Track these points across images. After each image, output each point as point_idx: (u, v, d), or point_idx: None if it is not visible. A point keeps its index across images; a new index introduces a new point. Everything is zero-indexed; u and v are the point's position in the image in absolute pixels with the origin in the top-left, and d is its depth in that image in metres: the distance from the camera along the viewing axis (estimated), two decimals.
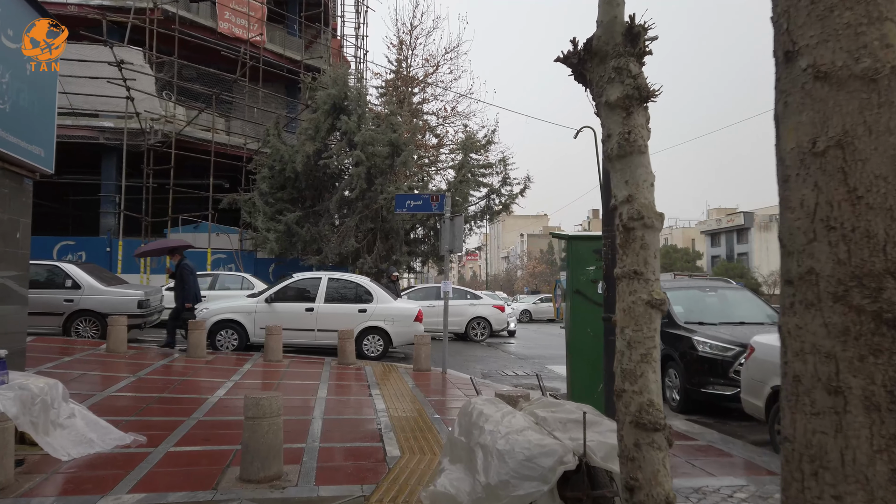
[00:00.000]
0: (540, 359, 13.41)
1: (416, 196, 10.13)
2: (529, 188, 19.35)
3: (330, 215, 18.88)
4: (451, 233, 9.95)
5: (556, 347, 16.36)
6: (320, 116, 18.36)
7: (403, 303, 12.04)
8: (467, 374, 10.30)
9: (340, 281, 11.69)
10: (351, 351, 10.17)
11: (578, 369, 5.53)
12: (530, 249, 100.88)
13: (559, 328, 25.44)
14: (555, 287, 8.14)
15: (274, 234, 18.12)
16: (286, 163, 18.74)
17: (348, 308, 11.39)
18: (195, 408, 6.51)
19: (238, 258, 20.27)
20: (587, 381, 5.51)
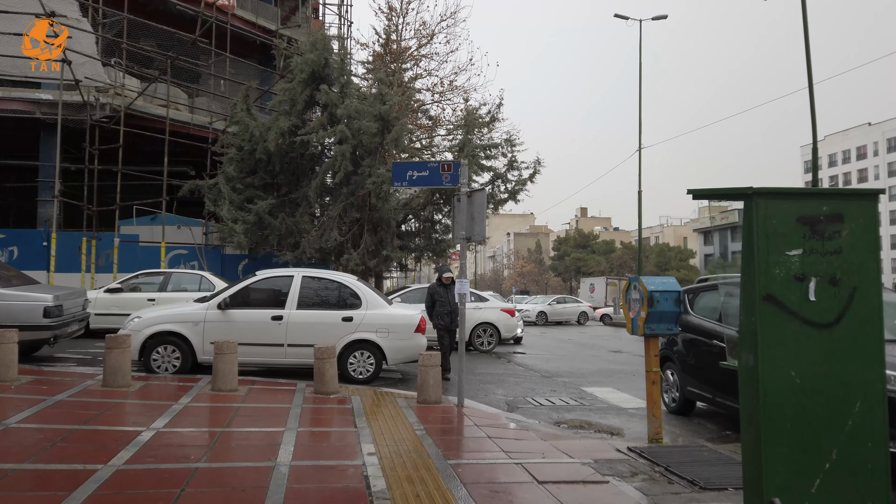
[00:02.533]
0: (569, 376, 10.81)
1: (419, 165, 7.47)
2: (540, 173, 16.77)
3: (309, 204, 16.13)
4: (468, 214, 7.31)
5: (580, 358, 13.77)
6: (296, 87, 15.60)
7: (401, 308, 9.36)
8: (490, 406, 7.66)
9: (319, 280, 8.98)
10: (332, 375, 7.48)
11: (775, 443, 2.85)
12: (517, 248, 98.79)
13: (565, 334, 23.09)
14: (626, 288, 5.54)
15: (242, 226, 15.32)
16: (256, 142, 15.97)
17: (329, 316, 8.69)
18: (77, 483, 3.83)
19: (201, 254, 17.44)
20: (792, 466, 2.85)
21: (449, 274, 9.91)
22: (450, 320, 9.61)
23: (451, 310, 9.60)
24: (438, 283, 10.00)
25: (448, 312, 9.64)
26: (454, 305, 9.41)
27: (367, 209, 15.47)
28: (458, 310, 8.75)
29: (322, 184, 15.93)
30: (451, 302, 9.57)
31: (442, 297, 9.74)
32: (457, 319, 9.07)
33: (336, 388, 7.54)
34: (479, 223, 7.27)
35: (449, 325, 9.64)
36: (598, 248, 74.12)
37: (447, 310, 9.62)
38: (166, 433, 5.37)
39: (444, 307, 9.66)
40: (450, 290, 9.70)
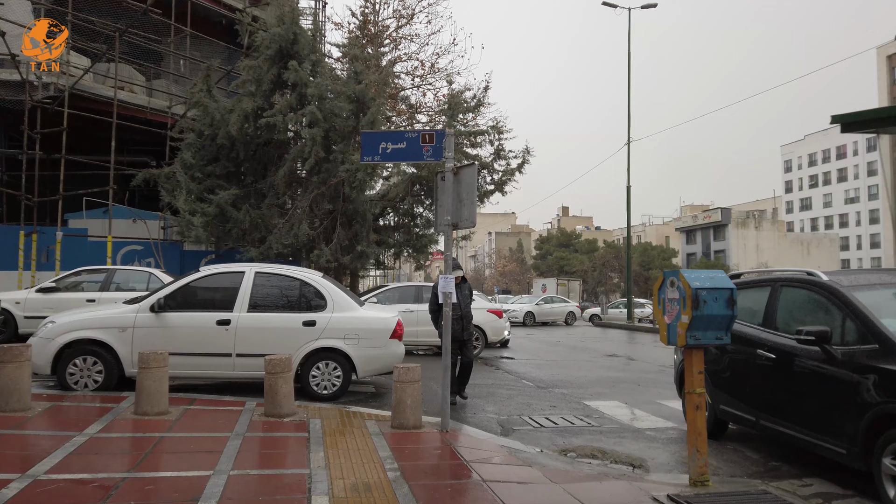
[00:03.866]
0: (567, 386, 9.50)
1: (394, 135, 6.08)
2: (529, 162, 15.46)
3: (277, 195, 14.63)
4: (454, 195, 5.96)
5: (575, 364, 12.48)
6: (262, 64, 14.09)
7: (375, 311, 7.95)
8: (480, 429, 6.31)
9: (276, 277, 7.54)
10: (286, 393, 6.07)
11: None
12: (499, 248, 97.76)
13: (553, 335, 20.95)
14: (659, 285, 4.30)
15: (201, 219, 13.76)
16: (218, 126, 14.43)
17: (287, 319, 7.27)
18: None
19: (158, 250, 15.84)
20: None
21: (460, 272, 7.46)
22: (460, 328, 7.44)
23: (462, 314, 7.48)
24: (464, 282, 7.94)
25: (459, 317, 7.38)
26: (467, 309, 7.61)
27: (340, 200, 14.04)
28: (470, 314, 7.73)
29: (291, 172, 14.47)
30: (462, 304, 7.52)
31: None
32: (470, 327, 7.70)
33: (291, 410, 6.13)
34: (469, 206, 5.91)
35: (460, 334, 7.44)
36: (581, 248, 73.32)
37: (458, 314, 7.32)
38: (44, 484, 3.92)
39: (454, 311, 7.10)
40: (462, 289, 7.61)
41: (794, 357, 4.88)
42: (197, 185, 14.62)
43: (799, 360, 4.83)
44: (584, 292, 61.16)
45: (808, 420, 4.76)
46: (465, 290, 7.72)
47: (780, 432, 5.11)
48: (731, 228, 68.65)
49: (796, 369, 4.86)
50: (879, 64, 61.04)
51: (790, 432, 4.94)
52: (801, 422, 4.81)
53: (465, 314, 7.60)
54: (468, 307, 7.71)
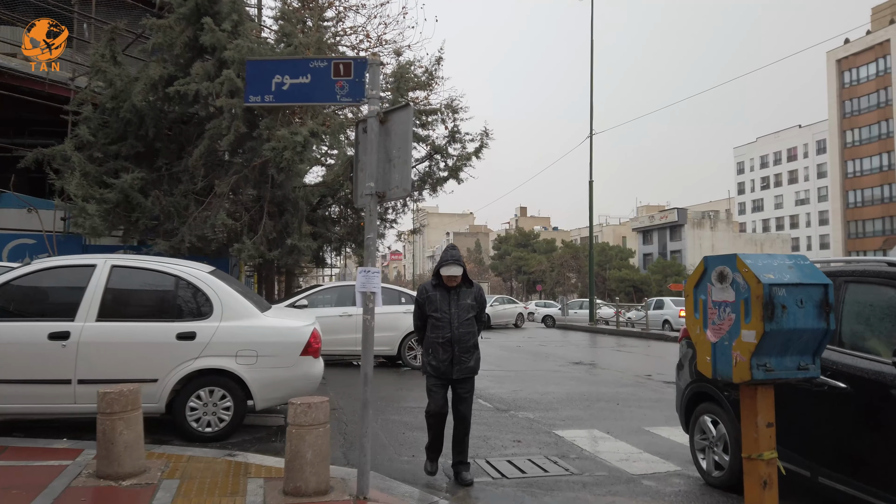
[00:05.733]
0: (533, 408, 7.74)
1: (294, 64, 4.20)
2: (488, 146, 13.72)
3: (193, 179, 12.45)
4: (380, 152, 4.10)
5: (540, 376, 10.74)
6: (174, 25, 11.88)
7: (282, 318, 5.98)
8: (417, 487, 4.46)
9: (140, 273, 5.51)
10: (129, 442, 4.09)
11: None
12: None
13: (510, 339, 17.73)
14: (698, 279, 2.68)
15: (99, 206, 11.50)
16: (123, 98, 12.17)
17: (154, 331, 5.27)
18: None
19: (53, 244, 13.43)
20: None
21: (457, 269, 4.66)
22: (448, 358, 4.61)
23: (452, 336, 4.62)
24: (435, 282, 4.79)
25: (448, 341, 4.62)
26: (462, 330, 4.64)
27: (267, 185, 11.97)
28: (469, 338, 4.68)
29: (210, 152, 12.30)
30: (455, 319, 4.65)
31: (440, 310, 4.68)
32: (470, 360, 4.68)
33: (136, 467, 4.15)
34: (401, 167, 4.05)
35: (447, 368, 4.62)
36: (539, 248, 72.47)
37: (447, 334, 4.62)
38: None
39: (443, 328, 4.63)
40: (460, 296, 4.72)
41: (889, 389, 3.21)
42: (97, 166, 12.32)
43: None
44: (542, 293, 60.16)
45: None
46: (464, 299, 4.69)
47: (854, 498, 3.43)
48: (687, 228, 68.93)
49: (893, 408, 3.19)
50: (829, 68, 62.11)
51: (876, 501, 3.28)
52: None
53: (457, 337, 4.60)
54: (467, 326, 4.66)
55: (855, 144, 59.72)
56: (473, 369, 4.72)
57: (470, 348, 4.69)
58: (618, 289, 56.03)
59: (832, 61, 61.37)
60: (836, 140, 61.54)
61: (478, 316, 4.81)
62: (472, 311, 4.74)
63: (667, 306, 26.76)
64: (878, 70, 56.26)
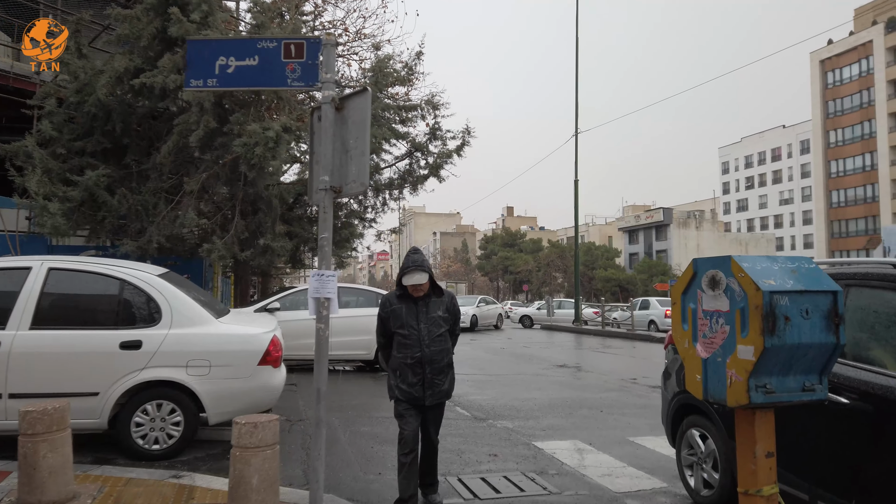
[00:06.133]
0: (512, 416, 7.36)
1: (240, 45, 3.78)
2: (469, 144, 13.35)
3: (162, 177, 11.95)
4: (336, 142, 3.71)
5: (522, 380, 10.35)
6: (140, 14, 11.37)
7: (240, 324, 5.54)
8: None
9: (82, 277, 5.06)
10: (54, 467, 3.65)
11: None
12: (443, 248, 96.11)
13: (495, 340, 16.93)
14: (686, 284, 2.40)
15: (61, 205, 10.97)
16: (89, 92, 11.64)
17: (95, 339, 4.83)
18: None
19: (15, 245, 12.85)
20: None
21: (421, 276, 3.99)
22: (419, 380, 3.98)
23: (423, 355, 3.98)
24: (400, 293, 4.14)
25: (418, 362, 3.98)
26: (434, 347, 4.01)
27: (239, 182, 11.49)
28: (443, 356, 4.03)
29: (180, 148, 11.80)
30: (425, 335, 4.01)
31: (406, 326, 4.04)
32: (443, 382, 4.07)
33: (63, 495, 3.72)
34: (359, 158, 3.65)
35: (419, 391, 3.99)
36: (526, 247, 72.32)
37: (416, 353, 3.99)
38: None
39: (412, 347, 4.01)
40: (430, 307, 4.08)
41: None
42: (60, 163, 11.79)
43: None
44: (529, 293, 59.94)
45: None
46: (434, 311, 4.04)
47: None
48: (672, 228, 69.10)
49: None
50: (813, 68, 62.51)
51: None
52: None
53: (428, 356, 3.96)
54: (440, 343, 4.02)
55: (838, 145, 60.15)
56: (447, 393, 4.09)
57: (444, 368, 4.03)
58: (604, 288, 55.95)
59: (816, 62, 61.77)
60: (819, 140, 61.95)
61: (451, 329, 4.17)
62: (445, 324, 4.06)
63: (652, 306, 26.56)
64: (861, 71, 56.68)
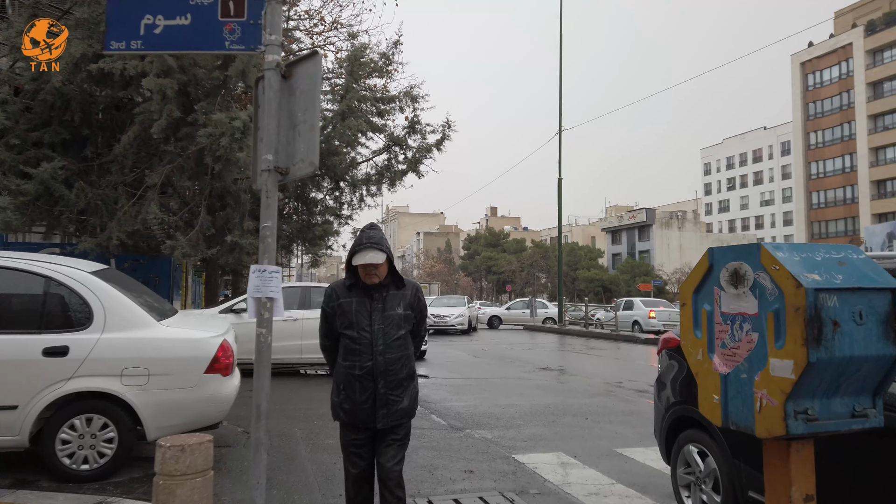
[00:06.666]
0: (492, 424, 6.85)
1: (168, 2, 3.26)
2: (450, 138, 12.83)
3: (123, 169, 11.28)
4: (282, 115, 3.17)
5: (504, 384, 9.82)
6: None
7: (185, 327, 4.96)
8: None
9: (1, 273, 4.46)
10: None
11: None
12: (427, 248, 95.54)
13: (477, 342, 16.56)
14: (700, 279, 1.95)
15: (13, 199, 10.27)
16: (46, 80, 10.94)
17: (12, 346, 4.24)
18: None
19: None
20: None
21: (377, 255, 3.00)
22: (369, 398, 3.02)
23: (374, 365, 3.02)
24: (350, 282, 3.13)
25: (368, 373, 3.02)
26: (391, 355, 3.06)
27: (206, 175, 10.88)
28: (401, 364, 3.09)
29: (142, 139, 11.15)
30: (379, 338, 3.05)
31: (356, 326, 3.07)
32: (397, 397, 3.07)
33: None
34: (307, 135, 3.12)
35: (369, 414, 3.03)
36: (509, 247, 71.96)
37: (366, 362, 3.02)
38: None
39: (361, 353, 3.04)
40: (387, 302, 3.11)
41: None
42: (14, 154, 11.07)
43: None
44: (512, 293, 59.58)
45: None
46: (393, 307, 3.11)
47: None
48: (655, 229, 69.22)
49: None
50: (793, 70, 62.95)
51: None
52: None
53: (382, 367, 3.03)
54: (398, 349, 3.08)
55: (818, 146, 60.62)
56: (408, 411, 3.09)
57: (402, 381, 3.06)
58: (587, 289, 55.79)
59: (796, 64, 62.23)
60: (800, 142, 62.41)
61: (415, 330, 3.22)
62: (406, 324, 3.10)
63: (636, 307, 26.26)
64: (841, 73, 57.17)
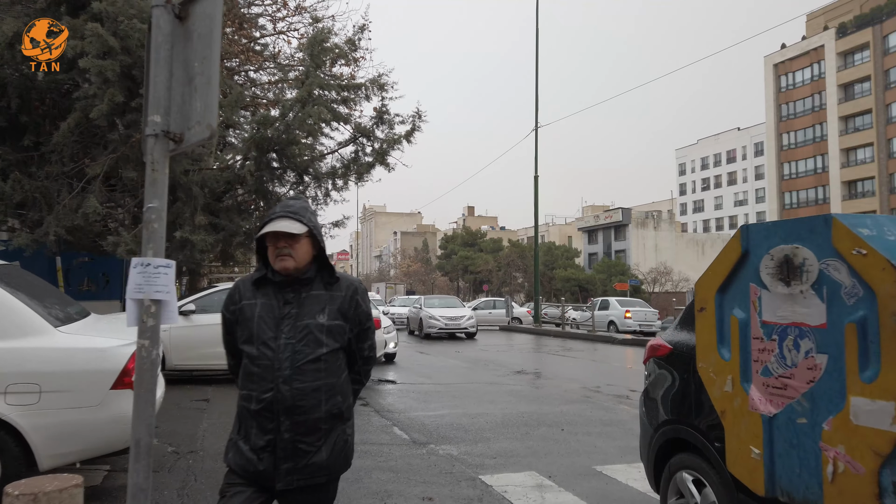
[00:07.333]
0: (458, 438, 6.19)
1: None
2: (420, 129, 12.14)
3: (63, 159, 10.39)
4: (178, 68, 2.47)
5: (474, 391, 9.12)
6: None
7: (84, 335, 4.21)
8: None
9: None
10: None
11: None
12: (404, 248, 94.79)
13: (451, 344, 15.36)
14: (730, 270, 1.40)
15: None
16: None
17: None
18: None
19: None
20: None
21: (292, 224, 2.17)
22: (268, 445, 2.13)
23: (276, 394, 2.11)
24: (260, 275, 2.27)
25: (267, 407, 2.12)
26: (304, 377, 2.13)
27: None
28: (320, 395, 2.15)
29: (86, 126, 10.28)
30: (285, 356, 2.13)
31: (256, 338, 2.18)
32: (310, 446, 2.13)
33: None
34: (204, 90, 2.42)
35: (267, 466, 2.12)
36: (486, 247, 71.52)
37: (265, 392, 2.13)
38: None
39: (261, 378, 2.14)
40: (304, 304, 2.20)
41: None
42: None
43: None
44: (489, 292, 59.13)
45: None
46: (310, 313, 2.19)
47: None
48: (631, 228, 69.40)
49: None
50: (767, 72, 63.57)
51: None
52: None
53: (289, 399, 2.12)
54: (314, 375, 2.15)
55: (791, 147, 61.30)
56: (329, 468, 2.19)
57: (319, 424, 2.15)
58: (564, 288, 55.59)
59: (770, 66, 62.86)
60: (773, 143, 63.05)
61: (349, 348, 2.30)
62: (332, 338, 2.19)
63: (612, 307, 25.91)
64: (814, 75, 57.83)
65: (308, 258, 2.24)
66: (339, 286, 2.29)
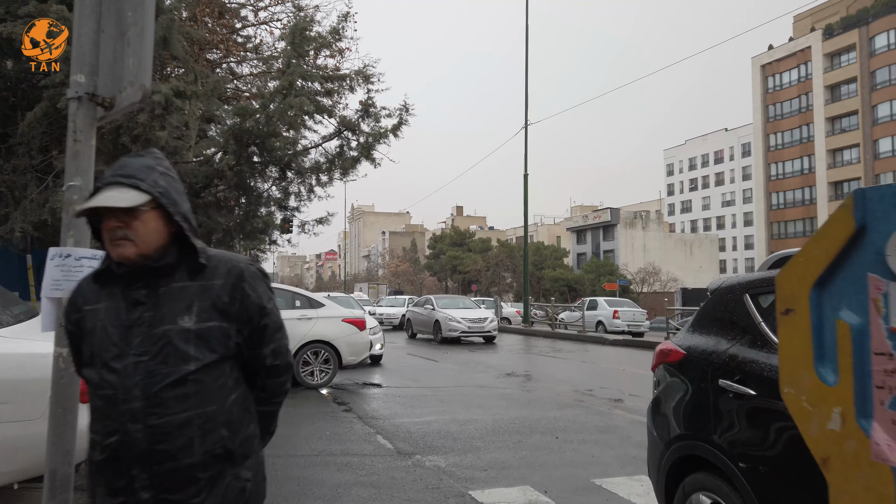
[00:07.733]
0: (446, 447, 5.78)
1: None
2: (407, 123, 11.71)
3: (31, 152, 9.86)
4: (109, 21, 2.04)
5: (463, 394, 8.71)
6: None
7: (28, 339, 3.77)
8: None
9: None
10: None
11: None
12: (392, 248, 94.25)
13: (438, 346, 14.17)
14: (835, 255, 1.09)
15: None
16: None
17: None
18: None
19: None
20: None
21: (122, 193, 1.45)
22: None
23: (122, 440, 1.45)
24: (100, 269, 1.57)
25: (113, 455, 1.46)
26: (165, 410, 1.46)
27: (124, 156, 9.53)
28: (191, 434, 1.47)
29: (55, 116, 9.75)
30: (134, 382, 1.46)
31: (97, 357, 1.52)
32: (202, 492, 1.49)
33: None
34: (137, 45, 2.00)
35: None
36: (475, 247, 71.21)
37: (110, 434, 1.47)
38: None
39: (107, 412, 1.49)
40: (162, 303, 1.50)
41: None
42: None
43: None
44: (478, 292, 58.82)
45: None
46: (175, 313, 1.50)
47: None
48: (619, 228, 69.39)
49: None
50: (754, 73, 63.78)
51: None
52: None
53: (138, 440, 1.45)
54: (183, 404, 1.47)
55: (778, 148, 61.52)
56: None
57: (194, 471, 1.49)
58: (552, 288, 55.42)
59: (757, 67, 63.07)
60: (760, 143, 63.26)
61: (251, 356, 1.63)
62: (208, 348, 1.52)
63: (600, 307, 25.62)
64: (801, 76, 58.07)
65: (159, 239, 1.51)
66: (214, 272, 1.56)
